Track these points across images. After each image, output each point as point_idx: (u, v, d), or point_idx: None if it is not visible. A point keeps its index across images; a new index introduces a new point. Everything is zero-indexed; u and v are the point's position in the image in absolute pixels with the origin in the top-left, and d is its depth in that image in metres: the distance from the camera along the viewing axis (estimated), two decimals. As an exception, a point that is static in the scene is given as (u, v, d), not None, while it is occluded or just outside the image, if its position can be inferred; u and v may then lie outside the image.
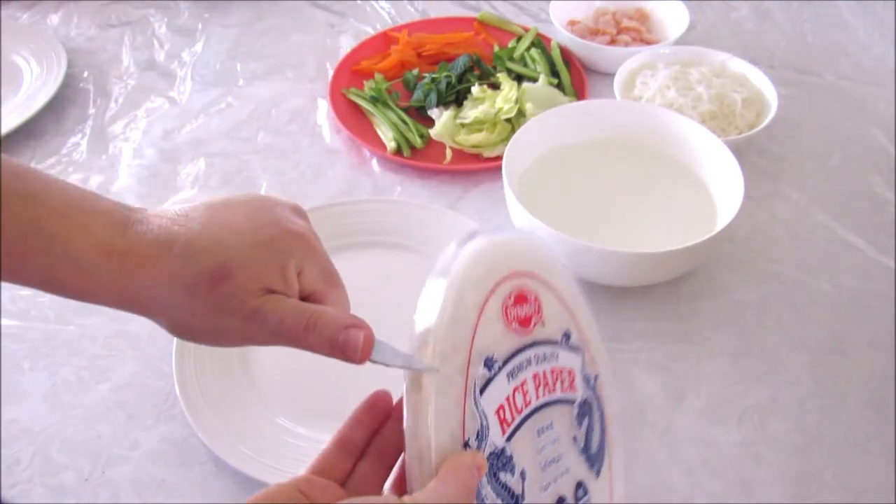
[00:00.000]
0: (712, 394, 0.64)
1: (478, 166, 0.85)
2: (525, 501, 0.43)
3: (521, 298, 0.48)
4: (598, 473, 0.49)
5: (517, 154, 0.74)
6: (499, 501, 0.42)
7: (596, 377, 0.51)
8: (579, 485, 0.47)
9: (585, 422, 0.49)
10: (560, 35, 0.99)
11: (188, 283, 0.40)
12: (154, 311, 0.42)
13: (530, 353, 0.46)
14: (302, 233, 0.44)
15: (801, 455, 0.60)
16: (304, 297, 0.44)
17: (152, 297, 0.41)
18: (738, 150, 0.75)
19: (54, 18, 1.11)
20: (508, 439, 0.44)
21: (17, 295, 0.73)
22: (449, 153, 0.86)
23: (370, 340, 0.42)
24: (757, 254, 0.76)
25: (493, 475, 0.42)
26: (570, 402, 0.48)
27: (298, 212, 0.46)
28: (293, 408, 0.63)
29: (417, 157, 0.86)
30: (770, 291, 0.72)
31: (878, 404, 0.63)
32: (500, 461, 0.43)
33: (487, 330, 0.43)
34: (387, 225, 0.76)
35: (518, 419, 0.45)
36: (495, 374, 0.43)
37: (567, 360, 0.49)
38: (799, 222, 0.79)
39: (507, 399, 0.44)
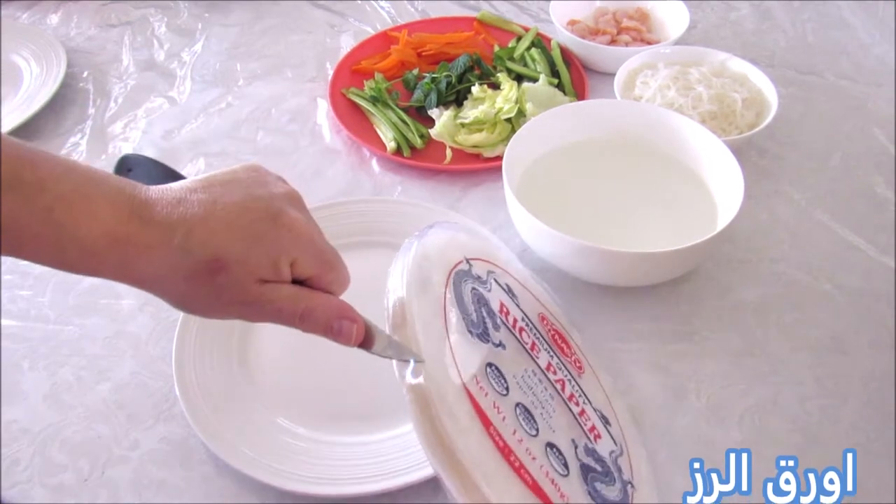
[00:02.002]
0: (712, 394, 0.64)
1: (478, 166, 0.85)
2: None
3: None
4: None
5: (517, 154, 0.74)
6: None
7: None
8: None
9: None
10: (560, 35, 0.99)
11: (187, 273, 0.44)
12: (157, 291, 0.45)
13: None
14: (294, 226, 0.46)
15: (802, 455, 0.60)
16: (301, 281, 0.47)
17: (154, 280, 0.44)
18: (739, 149, 0.75)
19: (54, 18, 1.11)
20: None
21: (17, 295, 0.73)
22: (449, 153, 0.86)
23: (361, 333, 0.47)
24: (757, 254, 0.75)
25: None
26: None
27: (293, 200, 0.48)
28: (293, 408, 0.63)
29: (417, 157, 0.86)
30: (770, 291, 0.72)
31: (878, 404, 0.63)
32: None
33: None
34: (387, 225, 0.76)
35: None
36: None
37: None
38: (799, 222, 0.79)
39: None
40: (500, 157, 0.77)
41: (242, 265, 0.44)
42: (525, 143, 0.76)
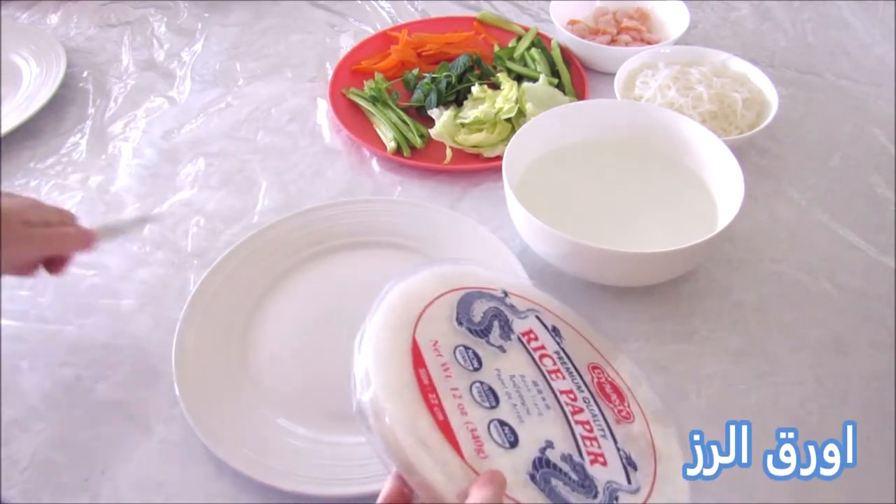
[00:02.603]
0: (712, 394, 0.64)
1: (478, 166, 0.85)
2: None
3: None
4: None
5: (517, 154, 0.74)
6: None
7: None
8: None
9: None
10: (560, 35, 0.99)
11: None
12: None
13: None
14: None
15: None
16: None
17: None
18: (739, 149, 0.75)
19: (54, 18, 1.11)
20: None
21: (17, 295, 0.73)
22: (449, 153, 0.86)
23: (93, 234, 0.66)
24: (757, 254, 0.75)
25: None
26: None
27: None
28: (293, 408, 0.63)
29: (417, 157, 0.86)
30: (770, 291, 0.72)
31: (878, 404, 0.63)
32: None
33: None
34: (387, 225, 0.76)
35: None
36: None
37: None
38: (799, 222, 0.79)
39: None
40: (500, 157, 0.77)
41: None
42: (525, 143, 0.76)
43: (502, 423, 0.46)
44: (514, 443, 0.46)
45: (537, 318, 0.55)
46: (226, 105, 0.96)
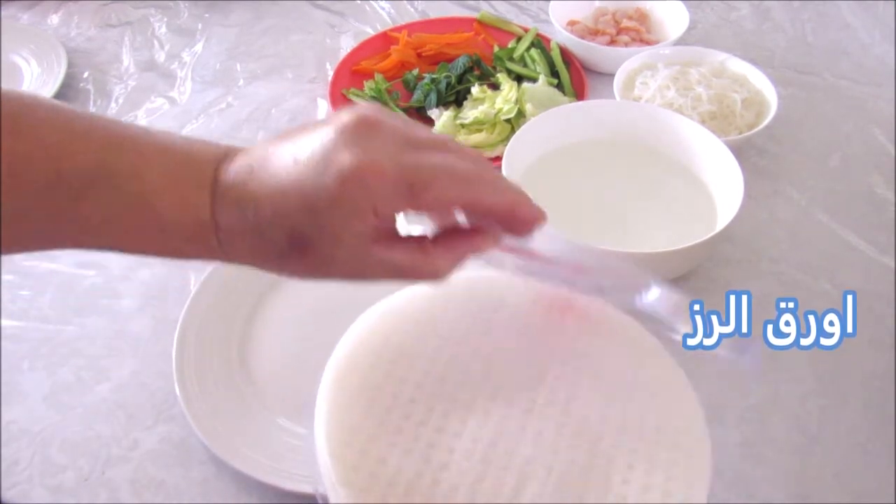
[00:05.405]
0: (712, 394, 0.64)
1: (478, 166, 0.85)
2: None
3: None
4: None
5: (517, 154, 0.74)
6: None
7: None
8: None
9: None
10: (560, 35, 0.99)
11: (275, 254, 0.38)
12: (267, 270, 0.40)
13: None
14: (358, 176, 0.35)
15: (801, 455, 0.60)
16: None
17: (256, 261, 0.40)
18: (738, 150, 0.75)
19: (54, 18, 1.11)
20: None
21: (17, 295, 0.73)
22: (449, 153, 0.86)
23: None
24: (757, 254, 0.75)
25: None
26: None
27: (360, 116, 0.37)
28: (293, 408, 0.63)
29: (417, 157, 0.86)
30: (770, 291, 0.72)
31: (878, 404, 0.63)
32: None
33: None
34: (387, 225, 0.76)
35: None
36: None
37: None
38: (799, 222, 0.79)
39: None
40: (500, 158, 0.77)
41: (322, 239, 0.36)
42: (525, 143, 0.76)
43: None
44: None
45: None
46: (226, 105, 0.96)
